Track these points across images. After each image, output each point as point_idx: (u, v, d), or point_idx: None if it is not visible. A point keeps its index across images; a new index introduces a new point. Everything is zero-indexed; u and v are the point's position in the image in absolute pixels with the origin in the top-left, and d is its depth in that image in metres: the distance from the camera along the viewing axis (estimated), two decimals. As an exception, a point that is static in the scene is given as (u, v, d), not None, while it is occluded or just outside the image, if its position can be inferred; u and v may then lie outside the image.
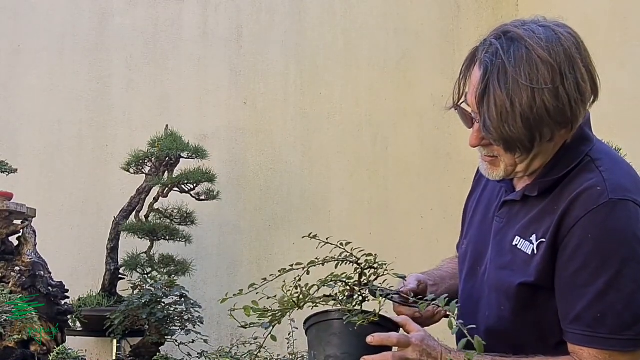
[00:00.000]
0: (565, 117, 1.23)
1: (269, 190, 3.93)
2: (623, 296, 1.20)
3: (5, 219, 2.81)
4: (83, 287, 3.37)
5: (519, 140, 1.22)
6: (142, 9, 4.01)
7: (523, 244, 1.32)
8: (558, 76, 1.20)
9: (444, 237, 3.99)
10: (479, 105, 1.26)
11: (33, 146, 3.82)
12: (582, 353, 1.22)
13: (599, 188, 1.23)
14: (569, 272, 1.24)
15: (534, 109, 1.19)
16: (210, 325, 3.60)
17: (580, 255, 1.22)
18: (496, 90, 1.22)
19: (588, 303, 1.21)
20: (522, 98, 1.19)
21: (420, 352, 1.29)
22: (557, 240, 1.26)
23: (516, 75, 1.21)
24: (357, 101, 4.11)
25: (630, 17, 3.38)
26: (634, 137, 2.95)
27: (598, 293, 1.20)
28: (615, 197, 1.22)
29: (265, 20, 4.10)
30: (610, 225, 1.21)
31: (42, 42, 3.93)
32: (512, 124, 1.20)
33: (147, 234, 3.29)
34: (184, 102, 3.98)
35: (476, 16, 4.18)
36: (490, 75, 1.24)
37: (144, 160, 3.41)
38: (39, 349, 2.55)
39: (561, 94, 1.20)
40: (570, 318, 1.25)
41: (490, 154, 1.34)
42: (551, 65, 1.21)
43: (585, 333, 1.22)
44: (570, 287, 1.24)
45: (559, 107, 1.21)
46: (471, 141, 1.34)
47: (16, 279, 2.67)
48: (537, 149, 1.27)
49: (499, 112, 1.21)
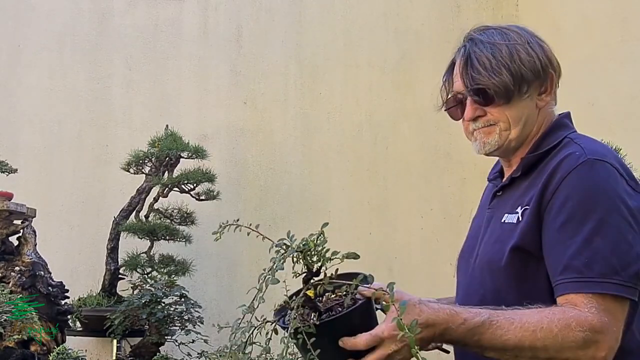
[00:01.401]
0: (538, 72, 1.41)
1: (269, 190, 3.93)
2: (608, 242, 1.24)
3: (5, 219, 2.81)
4: (83, 287, 3.37)
5: (505, 86, 1.38)
6: (142, 9, 4.01)
7: (509, 218, 1.39)
8: (525, 40, 1.43)
9: (444, 237, 3.99)
10: (464, 71, 1.44)
11: (33, 146, 3.83)
12: (576, 299, 1.22)
13: (577, 153, 1.33)
14: (555, 227, 1.29)
15: (514, 58, 1.40)
16: (210, 325, 3.60)
17: (565, 211, 1.28)
18: (477, 53, 1.42)
19: (575, 251, 1.25)
20: (501, 52, 1.40)
21: (397, 341, 1.18)
22: (541, 206, 1.32)
23: (492, 40, 1.43)
24: (357, 101, 4.11)
25: (630, 17, 3.39)
26: (634, 137, 2.95)
27: (584, 240, 1.25)
28: (593, 157, 1.31)
29: (265, 20, 4.10)
30: (591, 181, 1.29)
31: (42, 42, 3.93)
32: (498, 72, 1.39)
33: (147, 234, 3.29)
34: (184, 102, 3.98)
35: (476, 16, 4.18)
36: (470, 49, 1.44)
37: (144, 160, 3.41)
38: (39, 349, 2.55)
39: (530, 51, 1.42)
40: (559, 270, 1.26)
41: (485, 124, 1.44)
42: (517, 34, 1.44)
43: (575, 279, 1.24)
44: (557, 242, 1.28)
45: (531, 60, 1.41)
46: (467, 114, 1.45)
47: (16, 279, 2.68)
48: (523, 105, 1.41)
49: (484, 66, 1.40)
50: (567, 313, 1.21)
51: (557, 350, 1.20)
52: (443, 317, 1.22)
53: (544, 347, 1.20)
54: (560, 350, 1.20)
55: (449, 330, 1.22)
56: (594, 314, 1.20)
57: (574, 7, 3.61)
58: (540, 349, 1.20)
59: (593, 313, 1.20)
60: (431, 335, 1.22)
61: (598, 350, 1.20)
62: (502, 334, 1.21)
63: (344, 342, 1.19)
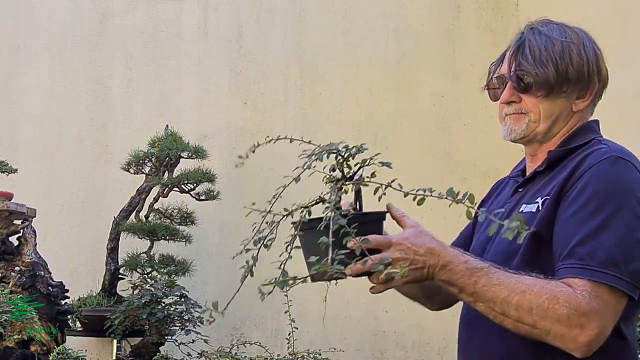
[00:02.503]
0: (583, 75, 1.42)
1: (269, 190, 3.92)
2: (616, 236, 1.25)
3: (5, 219, 2.81)
4: (83, 287, 3.37)
5: (547, 80, 1.40)
6: (142, 9, 4.01)
7: (528, 207, 1.40)
8: (581, 42, 1.44)
9: (444, 237, 3.96)
10: (514, 56, 1.45)
11: (33, 146, 3.83)
12: (574, 281, 1.24)
13: (603, 149, 1.36)
14: (568, 214, 1.30)
15: (564, 56, 1.41)
16: (210, 325, 3.60)
17: (580, 200, 1.30)
18: (531, 42, 1.43)
19: (581, 239, 1.26)
20: (554, 46, 1.42)
21: (404, 250, 1.25)
22: (560, 195, 1.34)
23: (549, 33, 1.44)
24: (357, 101, 4.11)
25: (630, 17, 3.39)
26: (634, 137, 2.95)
27: (592, 230, 1.26)
28: (617, 154, 1.33)
29: (265, 20, 4.10)
30: (610, 174, 1.31)
31: (42, 42, 3.93)
32: (544, 64, 1.40)
33: (147, 234, 3.29)
34: (184, 102, 3.98)
35: (476, 16, 4.18)
36: (526, 36, 1.45)
37: (144, 160, 3.41)
38: (39, 349, 2.55)
39: (582, 53, 1.42)
40: (563, 255, 1.28)
41: (517, 111, 1.46)
42: (576, 35, 1.45)
43: (575, 265, 1.25)
44: (566, 228, 1.30)
45: (580, 62, 1.41)
46: (503, 96, 1.47)
47: (16, 279, 2.68)
48: (559, 103, 1.43)
49: (533, 55, 1.41)
50: (559, 287, 1.23)
51: (541, 317, 1.22)
52: (450, 252, 1.29)
53: (529, 309, 1.22)
54: (544, 317, 1.22)
55: (450, 266, 1.27)
56: (584, 297, 1.22)
57: (574, 7, 3.61)
58: (526, 310, 1.22)
59: (584, 296, 1.22)
60: (434, 263, 1.27)
61: (582, 333, 1.21)
62: (496, 283, 1.25)
63: (351, 243, 1.21)
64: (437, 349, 3.82)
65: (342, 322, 3.81)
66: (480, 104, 4.04)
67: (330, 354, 3.31)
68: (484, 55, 4.09)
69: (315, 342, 3.55)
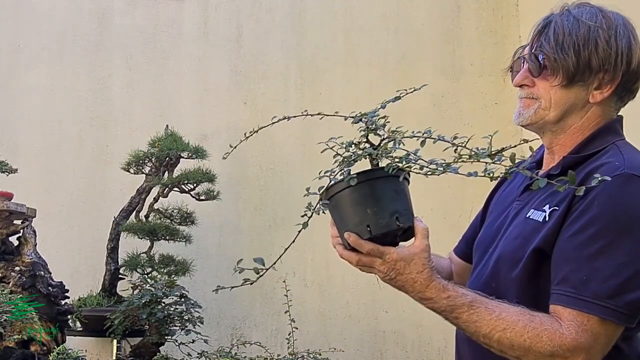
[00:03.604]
0: (607, 64, 1.31)
1: (269, 190, 3.93)
2: (612, 265, 1.19)
3: (5, 219, 2.81)
4: (83, 287, 3.37)
5: (565, 68, 1.31)
6: (142, 9, 4.01)
7: (535, 214, 1.34)
8: (613, 29, 1.33)
9: (444, 237, 3.96)
10: (537, 36, 1.36)
11: (33, 146, 3.83)
12: (563, 313, 1.21)
13: (617, 163, 1.26)
14: (567, 235, 1.25)
15: (588, 44, 1.31)
16: (210, 325, 3.60)
17: (582, 220, 1.23)
18: (557, 24, 1.34)
19: (577, 266, 1.21)
20: (579, 30, 1.32)
21: (389, 269, 1.30)
22: (569, 210, 1.27)
23: (579, 16, 1.34)
24: (357, 101, 4.10)
25: (630, 17, 3.38)
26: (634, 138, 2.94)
27: (588, 257, 1.21)
28: (630, 171, 1.23)
29: (265, 20, 4.10)
30: (618, 197, 1.22)
31: (42, 42, 3.93)
32: (565, 50, 1.31)
33: (147, 234, 3.29)
34: (184, 102, 3.98)
35: (476, 16, 4.18)
36: (555, 17, 1.36)
37: (144, 160, 3.41)
38: (39, 349, 2.55)
39: (612, 42, 1.32)
40: (558, 279, 1.24)
41: (528, 95, 1.39)
42: (609, 19, 1.35)
43: (568, 294, 1.21)
44: (564, 250, 1.25)
45: (607, 51, 1.31)
46: (516, 80, 1.40)
47: (16, 279, 2.68)
48: (573, 92, 1.34)
49: (555, 39, 1.32)
50: (544, 325, 1.21)
51: (524, 354, 1.22)
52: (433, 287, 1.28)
53: (511, 346, 1.23)
54: (527, 354, 1.22)
55: (431, 302, 1.29)
56: (570, 332, 1.19)
57: (574, 7, 3.61)
58: (507, 347, 1.23)
59: (569, 331, 1.19)
60: (413, 293, 1.29)
61: None
62: (477, 321, 1.25)
63: (350, 237, 1.30)
64: (437, 349, 3.82)
65: (342, 322, 3.81)
66: (480, 104, 4.05)
67: (330, 354, 3.31)
68: (484, 55, 4.09)
69: (315, 342, 3.55)
